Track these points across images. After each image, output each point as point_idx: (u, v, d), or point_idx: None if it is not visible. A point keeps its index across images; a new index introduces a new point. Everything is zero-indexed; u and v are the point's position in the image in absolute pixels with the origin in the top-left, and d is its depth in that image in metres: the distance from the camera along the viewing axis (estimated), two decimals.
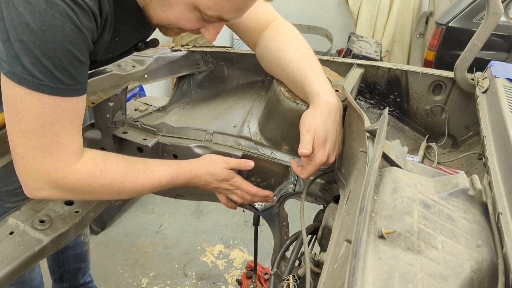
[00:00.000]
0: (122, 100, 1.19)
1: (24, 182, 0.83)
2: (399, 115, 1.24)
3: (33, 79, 0.72)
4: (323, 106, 0.89)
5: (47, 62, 0.71)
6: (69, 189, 0.85)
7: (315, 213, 1.17)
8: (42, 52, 0.70)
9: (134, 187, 0.92)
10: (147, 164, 0.96)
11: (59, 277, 1.81)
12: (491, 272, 0.52)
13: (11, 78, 0.72)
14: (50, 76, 0.72)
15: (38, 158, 0.79)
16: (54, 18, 0.69)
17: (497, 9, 0.96)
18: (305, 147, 0.85)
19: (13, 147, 0.80)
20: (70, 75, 0.75)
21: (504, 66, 1.07)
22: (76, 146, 0.82)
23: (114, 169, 0.88)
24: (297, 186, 1.14)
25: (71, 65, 0.74)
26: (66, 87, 0.76)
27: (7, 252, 0.92)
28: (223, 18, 0.83)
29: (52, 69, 0.72)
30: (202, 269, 2.31)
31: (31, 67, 0.71)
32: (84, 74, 0.80)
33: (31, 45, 0.69)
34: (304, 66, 0.97)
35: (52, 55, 0.71)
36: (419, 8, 4.45)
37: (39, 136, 0.77)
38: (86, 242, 1.81)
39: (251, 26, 1.08)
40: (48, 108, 0.75)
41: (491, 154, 0.74)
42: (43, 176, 0.81)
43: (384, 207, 0.56)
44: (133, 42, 1.02)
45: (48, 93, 0.74)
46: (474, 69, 1.10)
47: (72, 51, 0.73)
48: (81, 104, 0.81)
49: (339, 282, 0.53)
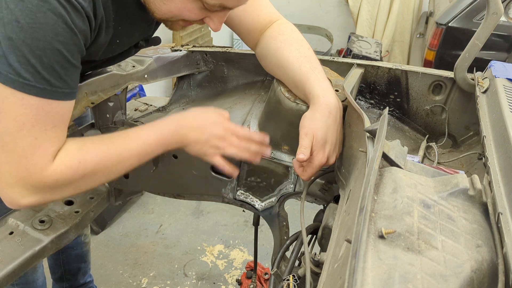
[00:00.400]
0: (122, 100, 1.19)
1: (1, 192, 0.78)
2: (399, 115, 1.24)
3: (19, 79, 0.69)
4: (323, 107, 0.89)
5: (35, 61, 0.69)
6: (50, 191, 0.80)
7: (315, 213, 1.17)
8: (31, 50, 0.68)
9: (120, 163, 0.86)
10: (126, 136, 0.89)
11: (59, 277, 1.81)
12: (491, 272, 0.52)
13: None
14: (37, 76, 0.70)
15: (12, 163, 0.75)
16: (45, 16, 0.67)
17: (497, 9, 0.96)
18: (302, 152, 0.85)
19: None
20: (58, 76, 0.72)
21: (504, 66, 1.07)
22: (54, 148, 0.78)
23: (92, 156, 0.82)
24: (297, 186, 1.14)
25: (60, 66, 0.72)
26: (53, 89, 0.73)
27: (7, 252, 0.92)
28: (226, 6, 0.81)
29: (40, 68, 0.70)
30: (202, 269, 2.31)
31: (18, 66, 0.68)
32: (74, 78, 0.77)
33: (20, 43, 0.67)
34: (304, 67, 0.97)
35: (41, 54, 0.69)
36: (419, 8, 4.45)
37: (17, 139, 0.73)
38: (87, 242, 1.81)
39: (253, 28, 1.07)
40: (31, 110, 0.72)
41: (491, 154, 0.74)
42: (19, 183, 0.76)
43: (384, 207, 0.56)
44: (134, 41, 1.01)
45: (33, 94, 0.71)
46: (474, 69, 1.10)
47: (62, 51, 0.71)
48: (68, 109, 0.78)
49: (339, 282, 0.53)
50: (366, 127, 0.75)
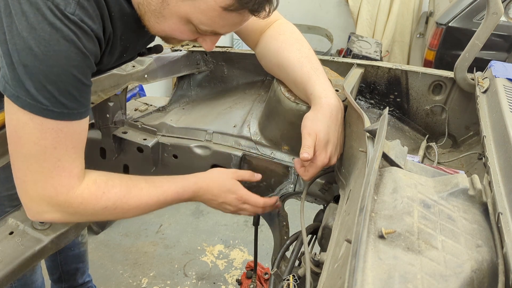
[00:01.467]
0: (122, 100, 1.19)
1: (26, 206, 0.83)
2: (399, 115, 1.24)
3: (37, 104, 0.71)
4: (324, 108, 0.89)
5: (51, 87, 0.71)
6: (72, 213, 0.84)
7: (315, 213, 1.17)
8: (46, 77, 0.70)
9: (138, 206, 0.91)
10: (150, 182, 0.94)
11: (57, 277, 1.81)
12: (491, 272, 0.52)
13: (14, 102, 0.72)
14: (53, 101, 0.72)
15: (39, 182, 0.78)
16: (59, 44, 0.69)
17: (497, 9, 0.96)
18: (306, 151, 0.85)
19: (15, 171, 0.80)
20: (74, 99, 0.75)
21: (504, 66, 1.07)
22: (78, 169, 0.82)
23: (116, 190, 0.87)
24: (297, 186, 1.14)
25: (76, 89, 0.74)
26: (70, 111, 0.75)
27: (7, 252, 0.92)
28: (218, 32, 0.83)
29: (56, 94, 0.72)
30: (202, 269, 2.31)
31: (35, 92, 0.71)
32: (88, 97, 0.80)
33: (35, 70, 0.69)
34: (305, 67, 0.97)
35: (57, 80, 0.71)
36: (419, 8, 4.45)
37: (41, 161, 0.76)
38: (84, 243, 1.81)
39: (253, 28, 1.07)
40: (51, 133, 0.75)
41: (491, 154, 0.74)
42: (45, 200, 0.80)
43: (384, 207, 0.56)
44: (138, 50, 1.03)
45: (51, 117, 0.73)
46: (474, 69, 1.10)
47: (77, 75, 0.73)
48: (83, 126, 0.81)
49: (339, 282, 0.53)
50: (366, 127, 0.75)
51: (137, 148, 1.18)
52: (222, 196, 1.02)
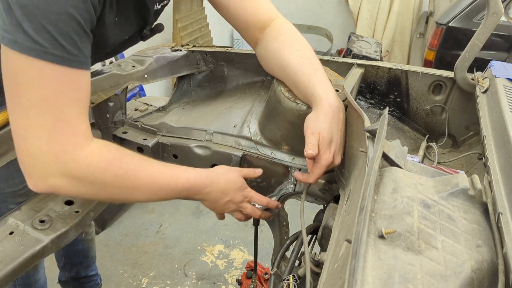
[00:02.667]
0: (122, 100, 1.19)
1: (28, 171, 0.76)
2: (399, 115, 1.24)
3: (36, 46, 0.68)
4: (326, 109, 0.90)
5: (51, 28, 0.68)
6: (79, 177, 0.77)
7: (315, 213, 1.17)
8: (45, 16, 0.67)
9: (149, 183, 0.85)
10: (162, 163, 0.90)
11: (62, 266, 1.86)
12: (491, 272, 0.52)
13: (12, 47, 0.68)
14: (54, 42, 0.69)
15: (43, 138, 0.72)
16: None
17: (497, 9, 0.96)
18: (310, 149, 0.85)
19: (14, 128, 0.74)
20: (74, 43, 0.71)
21: (504, 66, 1.07)
22: (84, 126, 0.76)
23: (128, 159, 0.81)
24: (297, 186, 1.14)
25: (76, 33, 0.71)
26: (70, 57, 0.71)
27: (7, 252, 0.92)
28: None
29: (56, 35, 0.68)
30: (202, 269, 2.31)
31: (34, 33, 0.67)
32: (88, 48, 0.76)
33: (34, 9, 0.66)
34: (306, 68, 0.97)
35: (56, 20, 0.68)
36: (419, 8, 4.46)
37: (43, 113, 0.71)
38: (88, 240, 1.82)
39: (252, 23, 1.07)
40: (51, 79, 0.70)
41: (491, 154, 0.74)
42: (50, 159, 0.74)
43: (384, 207, 0.56)
44: (136, 26, 1.01)
45: (51, 61, 0.69)
46: (474, 69, 1.10)
47: (76, 17, 0.70)
48: (85, 80, 0.76)
49: (339, 282, 0.53)
50: (366, 127, 0.75)
51: (137, 148, 1.18)
52: (230, 194, 0.99)
